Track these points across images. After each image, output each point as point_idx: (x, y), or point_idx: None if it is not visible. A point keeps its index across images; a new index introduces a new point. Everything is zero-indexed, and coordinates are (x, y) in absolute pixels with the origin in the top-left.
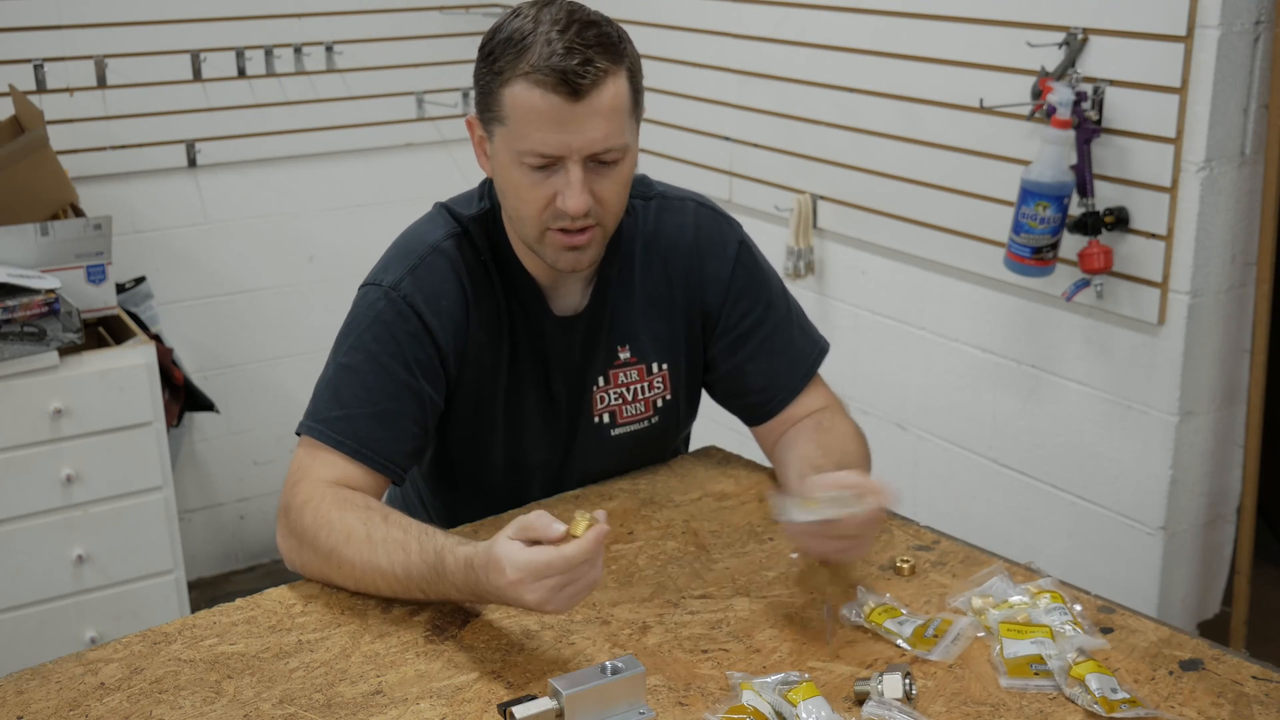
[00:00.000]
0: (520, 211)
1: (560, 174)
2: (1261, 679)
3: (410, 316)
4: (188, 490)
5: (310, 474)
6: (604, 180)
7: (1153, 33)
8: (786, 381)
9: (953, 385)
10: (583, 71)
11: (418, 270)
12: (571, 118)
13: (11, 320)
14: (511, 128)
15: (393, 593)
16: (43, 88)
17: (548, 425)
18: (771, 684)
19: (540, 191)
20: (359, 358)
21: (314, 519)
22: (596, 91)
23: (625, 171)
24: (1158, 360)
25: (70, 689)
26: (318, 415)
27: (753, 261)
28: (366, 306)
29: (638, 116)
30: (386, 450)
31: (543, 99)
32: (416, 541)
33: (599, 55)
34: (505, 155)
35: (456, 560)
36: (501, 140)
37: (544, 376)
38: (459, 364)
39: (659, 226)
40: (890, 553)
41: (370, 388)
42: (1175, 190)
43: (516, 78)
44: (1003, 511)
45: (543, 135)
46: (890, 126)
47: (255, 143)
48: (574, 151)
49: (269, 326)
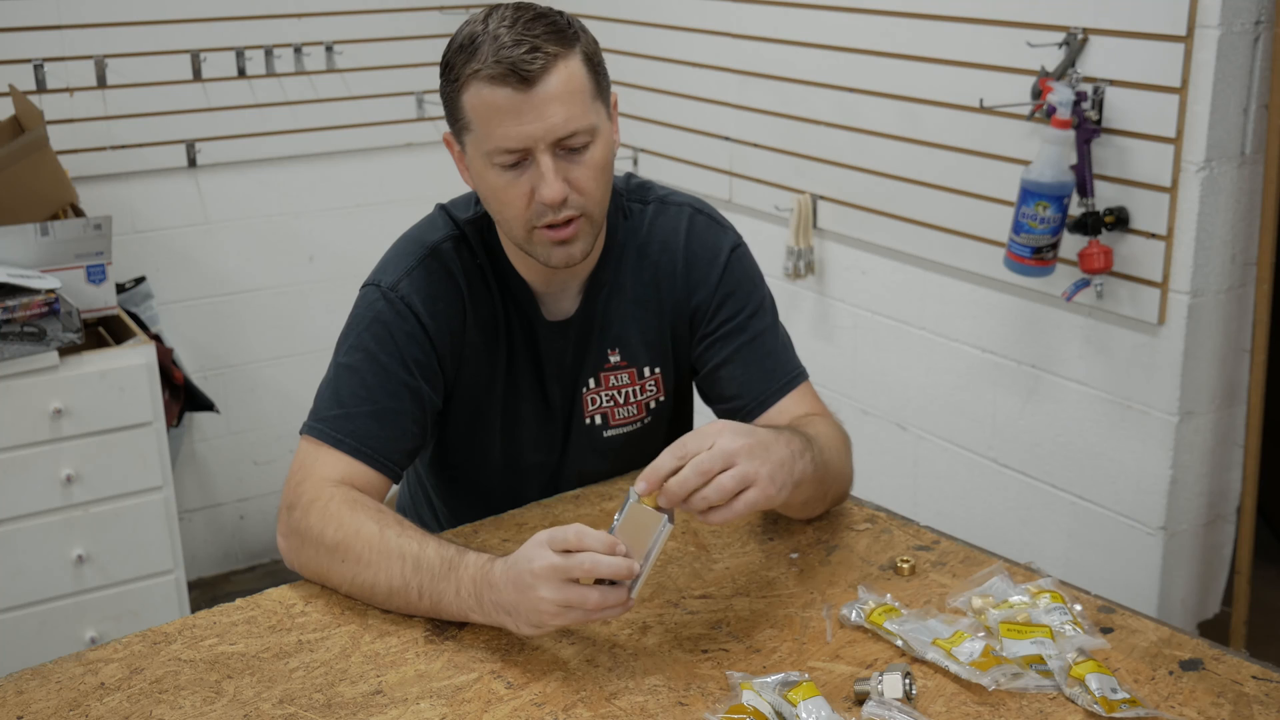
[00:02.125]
0: (504, 214)
1: (533, 168)
2: (1261, 679)
3: (408, 317)
4: (188, 490)
5: (312, 473)
6: (577, 167)
7: (1153, 33)
8: (759, 390)
9: (953, 385)
10: (530, 59)
11: (415, 272)
12: (528, 106)
13: (11, 320)
14: (476, 131)
15: (388, 594)
16: (43, 88)
17: (543, 428)
18: (771, 684)
19: (517, 190)
20: (358, 357)
21: (320, 517)
22: (547, 76)
23: (599, 156)
24: (1158, 360)
25: (70, 689)
26: (318, 414)
27: (742, 269)
28: (365, 306)
29: (605, 100)
30: (385, 448)
31: (495, 94)
32: (435, 541)
33: (546, 42)
34: (479, 161)
35: (478, 556)
36: (472, 147)
37: (539, 380)
38: (456, 366)
39: (653, 231)
40: (890, 553)
41: (369, 386)
42: (1175, 190)
43: (469, 80)
44: (1003, 511)
45: (504, 130)
46: (890, 126)
47: (255, 143)
48: (538, 140)
49: (269, 326)
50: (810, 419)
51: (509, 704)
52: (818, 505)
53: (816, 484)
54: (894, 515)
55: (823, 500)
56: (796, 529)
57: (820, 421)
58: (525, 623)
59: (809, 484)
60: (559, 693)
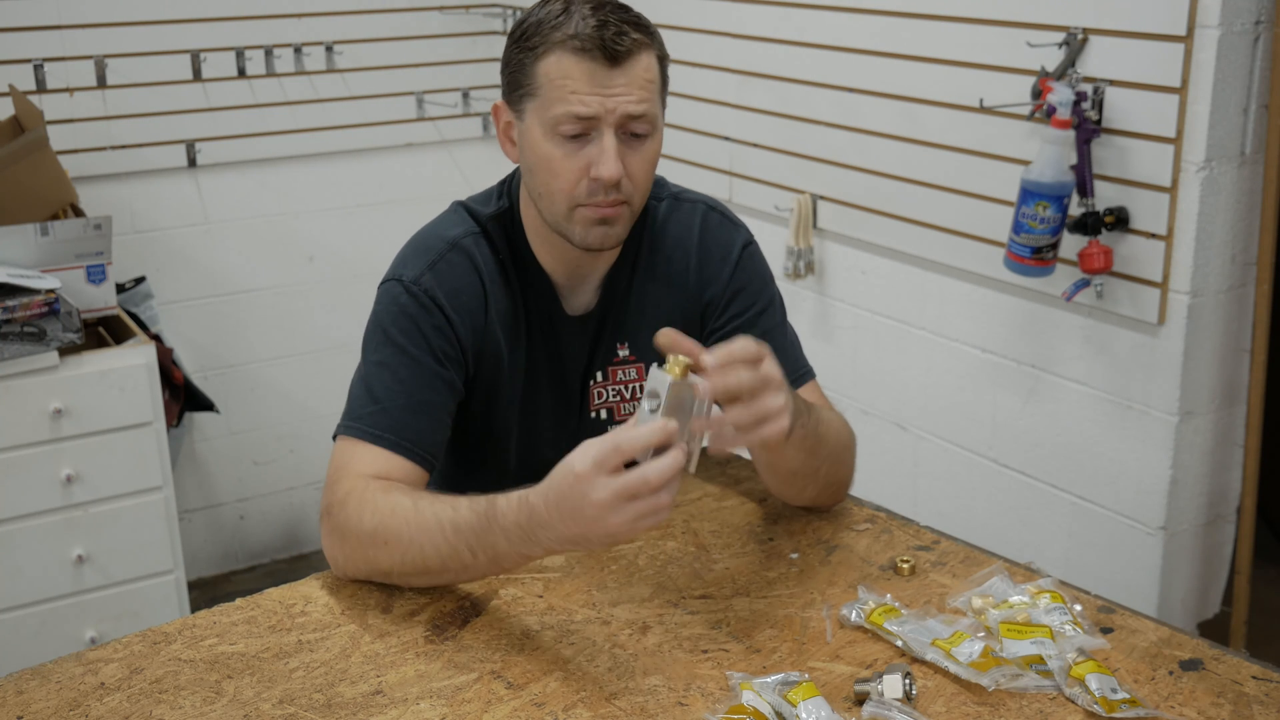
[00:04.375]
0: (551, 186)
1: (594, 144)
2: (1261, 679)
3: (433, 309)
4: (188, 490)
5: (349, 470)
6: (635, 155)
7: (1153, 33)
8: None
9: (953, 385)
10: (619, 39)
11: (438, 265)
12: (609, 80)
13: (11, 320)
14: (545, 97)
15: (440, 564)
16: (43, 88)
17: (563, 423)
18: (771, 684)
19: (573, 163)
20: (388, 353)
21: (357, 508)
22: (632, 59)
23: (653, 150)
24: (1158, 360)
25: (70, 689)
26: (353, 414)
27: (754, 267)
28: (389, 302)
29: (664, 103)
30: (423, 440)
31: (579, 63)
32: (466, 500)
33: (632, 30)
34: (538, 130)
35: (509, 500)
36: (534, 114)
37: (560, 376)
38: (476, 361)
39: (666, 226)
40: (890, 553)
41: (403, 380)
42: (1175, 190)
43: (552, 48)
44: (1003, 511)
45: (580, 96)
46: (890, 126)
47: (255, 143)
48: (609, 114)
49: (269, 326)
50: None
51: (509, 704)
52: (807, 484)
53: (807, 454)
54: (894, 515)
55: (814, 480)
56: (796, 529)
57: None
58: (601, 544)
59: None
60: (559, 693)
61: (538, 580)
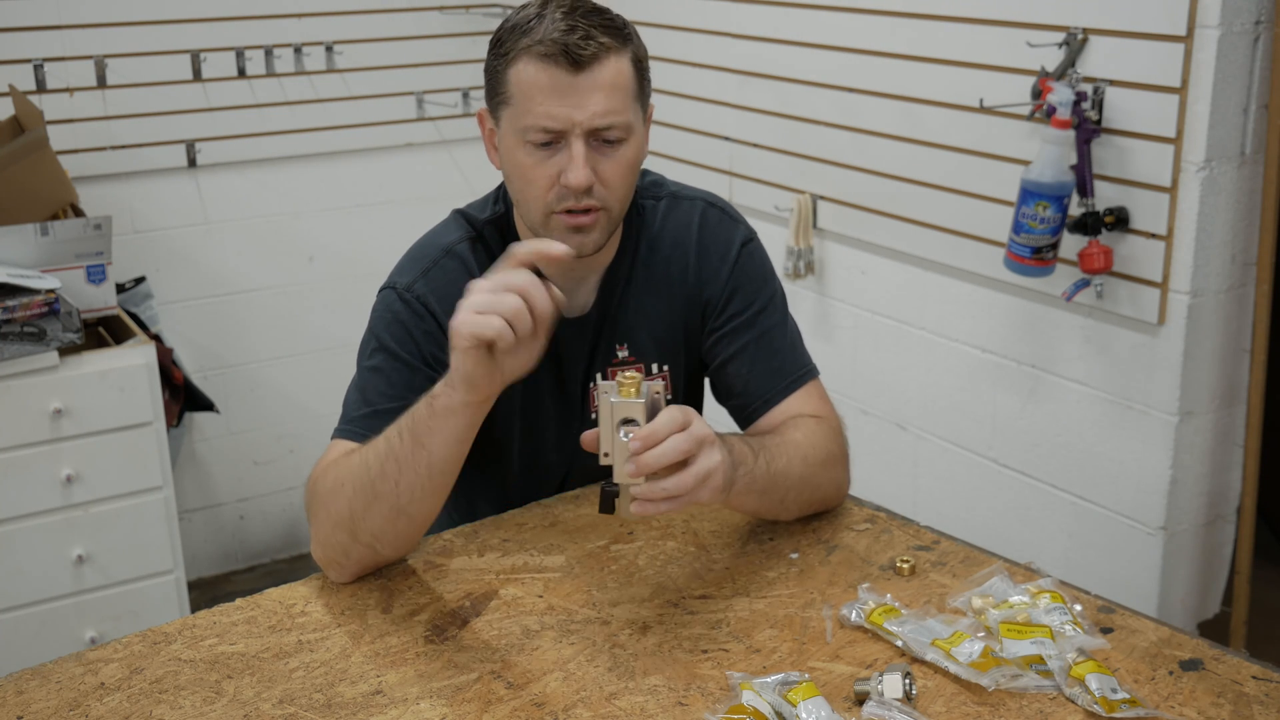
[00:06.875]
0: (525, 194)
1: (564, 152)
2: (1261, 679)
3: (425, 316)
4: (188, 490)
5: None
6: (607, 161)
7: (1153, 33)
8: (764, 390)
9: (953, 385)
10: (583, 45)
11: (431, 272)
12: (572, 89)
13: (11, 320)
14: (516, 105)
15: (380, 467)
16: (43, 88)
17: (566, 426)
18: (771, 684)
19: (544, 170)
20: (380, 359)
21: (322, 475)
22: (597, 65)
23: (629, 155)
24: (1158, 360)
25: (70, 689)
26: (347, 417)
27: (753, 264)
28: (384, 308)
29: (644, 105)
30: None
31: (543, 71)
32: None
33: (601, 33)
34: (511, 137)
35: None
36: (507, 122)
37: (560, 379)
38: None
39: (665, 225)
40: (890, 553)
41: (394, 384)
42: (1175, 190)
43: (520, 54)
44: (1003, 511)
45: (545, 108)
46: (890, 126)
47: (255, 143)
48: (575, 125)
49: (269, 326)
50: (799, 421)
51: (509, 704)
52: (778, 512)
53: (759, 495)
54: (894, 515)
55: (783, 508)
56: (796, 529)
57: (807, 425)
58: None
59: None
60: (559, 693)
61: (538, 580)
